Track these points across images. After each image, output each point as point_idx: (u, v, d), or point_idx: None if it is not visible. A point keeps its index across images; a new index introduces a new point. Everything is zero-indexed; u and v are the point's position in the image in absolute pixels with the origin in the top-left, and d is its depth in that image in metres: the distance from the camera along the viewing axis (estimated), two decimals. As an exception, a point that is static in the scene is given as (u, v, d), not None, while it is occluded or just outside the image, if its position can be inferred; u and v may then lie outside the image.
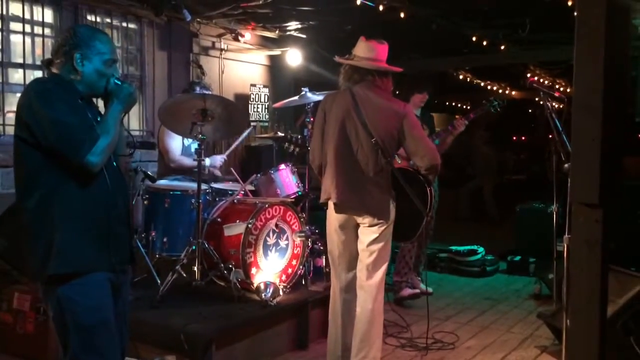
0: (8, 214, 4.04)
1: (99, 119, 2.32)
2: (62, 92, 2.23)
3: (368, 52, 3.34)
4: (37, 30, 4.88)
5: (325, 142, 3.39)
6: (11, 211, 4.11)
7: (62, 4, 5.00)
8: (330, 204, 3.37)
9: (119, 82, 2.36)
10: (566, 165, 2.99)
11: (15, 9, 4.73)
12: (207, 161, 4.43)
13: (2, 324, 3.84)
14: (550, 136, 3.79)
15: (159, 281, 3.86)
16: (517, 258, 6.20)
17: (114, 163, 2.39)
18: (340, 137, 3.30)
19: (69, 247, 2.20)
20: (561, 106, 3.81)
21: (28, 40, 4.80)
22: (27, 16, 4.80)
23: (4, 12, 4.65)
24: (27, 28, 4.79)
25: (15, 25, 4.73)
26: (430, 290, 5.24)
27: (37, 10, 4.88)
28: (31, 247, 2.24)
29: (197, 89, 4.62)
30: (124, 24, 5.62)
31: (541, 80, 9.22)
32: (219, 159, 4.80)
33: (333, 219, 3.39)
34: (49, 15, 4.98)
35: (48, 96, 2.20)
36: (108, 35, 2.46)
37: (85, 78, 2.31)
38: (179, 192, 4.16)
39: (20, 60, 4.76)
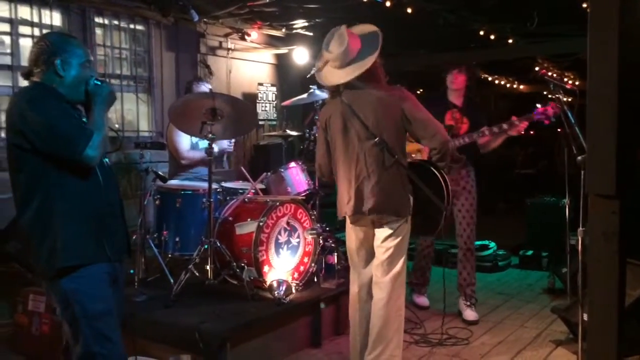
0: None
1: (85, 120, 2.44)
2: (50, 98, 2.34)
3: (342, 55, 3.11)
4: (46, 33, 4.91)
5: (333, 157, 3.35)
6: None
7: (70, 8, 5.02)
8: None
9: (99, 82, 2.46)
10: (579, 158, 2.96)
11: (24, 12, 4.76)
12: (215, 148, 4.38)
13: (17, 326, 3.87)
14: (559, 130, 3.75)
15: (172, 281, 3.88)
16: (530, 252, 6.19)
17: (105, 159, 2.50)
18: (345, 148, 3.24)
19: (71, 242, 2.33)
20: (570, 99, 3.78)
21: (37, 43, 4.83)
22: (36, 20, 4.82)
23: (13, 16, 4.67)
24: (36, 31, 4.81)
25: (24, 29, 4.76)
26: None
27: (46, 14, 4.90)
28: (37, 249, 2.36)
29: (201, 85, 4.63)
30: (132, 26, 5.64)
31: (549, 73, 9.14)
32: (224, 142, 4.76)
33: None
34: (57, 19, 5.00)
35: (38, 102, 2.30)
36: (77, 38, 2.59)
37: (68, 82, 2.41)
38: (190, 192, 4.17)
39: (30, 64, 4.77)
